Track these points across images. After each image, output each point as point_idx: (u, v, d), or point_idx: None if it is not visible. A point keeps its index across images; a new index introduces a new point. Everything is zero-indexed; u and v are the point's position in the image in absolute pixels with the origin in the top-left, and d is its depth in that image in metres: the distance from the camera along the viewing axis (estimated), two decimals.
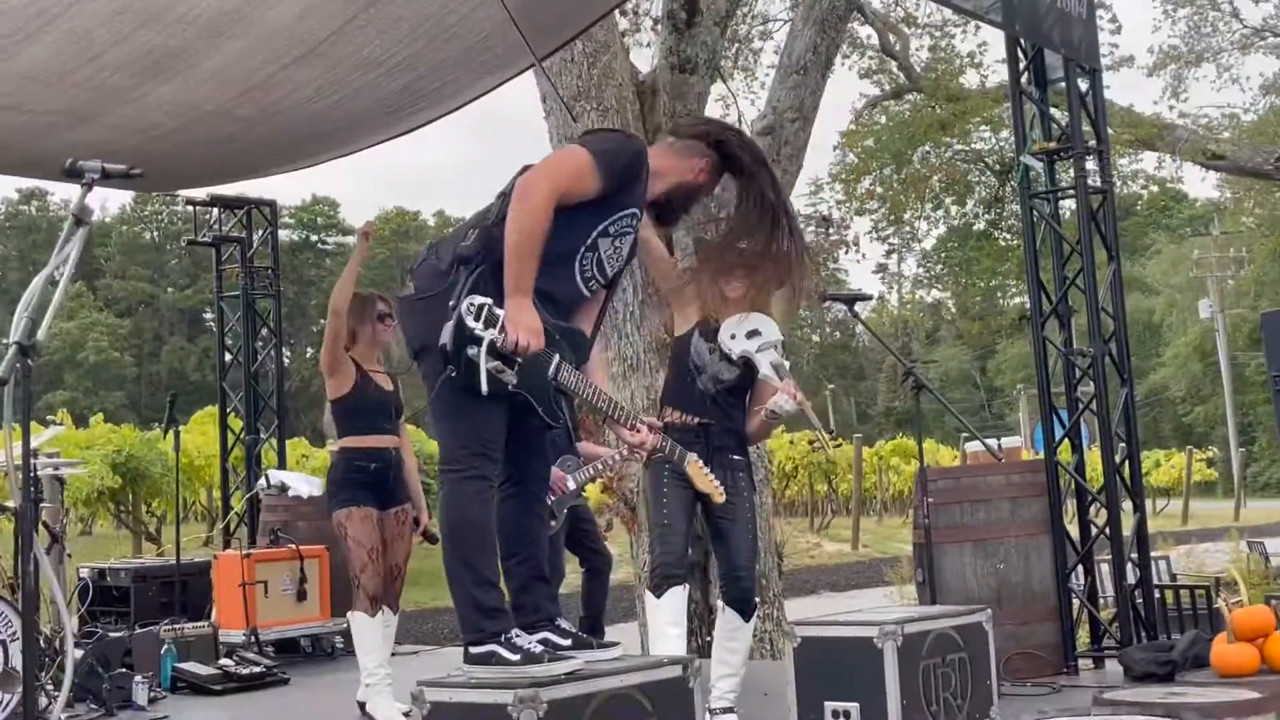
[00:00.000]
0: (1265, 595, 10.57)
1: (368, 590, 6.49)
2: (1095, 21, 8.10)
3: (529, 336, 3.94)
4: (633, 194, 4.22)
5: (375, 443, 6.62)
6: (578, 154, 4.14)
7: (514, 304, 3.96)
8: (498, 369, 3.93)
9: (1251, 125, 21.39)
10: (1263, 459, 49.62)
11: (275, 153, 8.98)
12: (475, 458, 4.06)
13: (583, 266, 4.19)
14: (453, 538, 4.09)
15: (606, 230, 4.19)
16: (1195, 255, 55.09)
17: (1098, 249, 7.52)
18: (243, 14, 6.62)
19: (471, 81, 8.05)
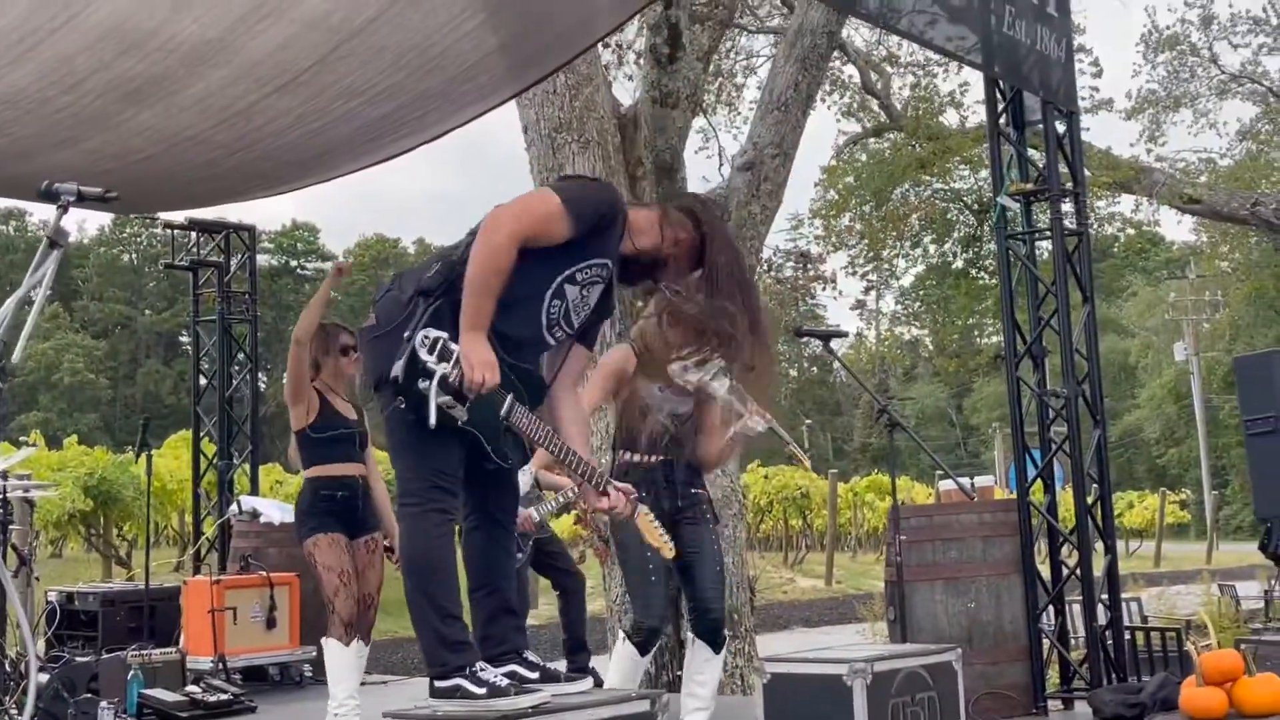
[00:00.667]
0: (1236, 639, 10.59)
1: (342, 615, 6.46)
2: (1074, 65, 8.15)
3: (483, 370, 3.90)
4: (604, 244, 4.18)
5: (341, 471, 6.60)
6: (548, 198, 4.12)
7: (468, 339, 3.93)
8: (448, 404, 3.90)
9: (1228, 170, 21.55)
10: (1235, 502, 49.76)
11: (254, 177, 8.97)
12: (433, 491, 4.04)
13: (549, 313, 4.16)
14: (414, 572, 4.07)
15: (574, 277, 4.16)
16: (1171, 298, 55.39)
17: (1073, 290, 7.55)
18: (225, 43, 6.62)
19: (453, 111, 8.07)
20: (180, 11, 6.28)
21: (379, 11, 6.46)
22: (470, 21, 6.67)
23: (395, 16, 6.53)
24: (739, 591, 9.51)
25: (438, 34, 6.80)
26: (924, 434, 64.62)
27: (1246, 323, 43.37)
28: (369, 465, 6.83)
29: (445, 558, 4.07)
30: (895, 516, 7.12)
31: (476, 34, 6.83)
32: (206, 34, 6.52)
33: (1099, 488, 7.57)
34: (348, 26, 6.59)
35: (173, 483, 19.16)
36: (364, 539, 6.64)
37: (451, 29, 6.73)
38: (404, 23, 6.60)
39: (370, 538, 6.66)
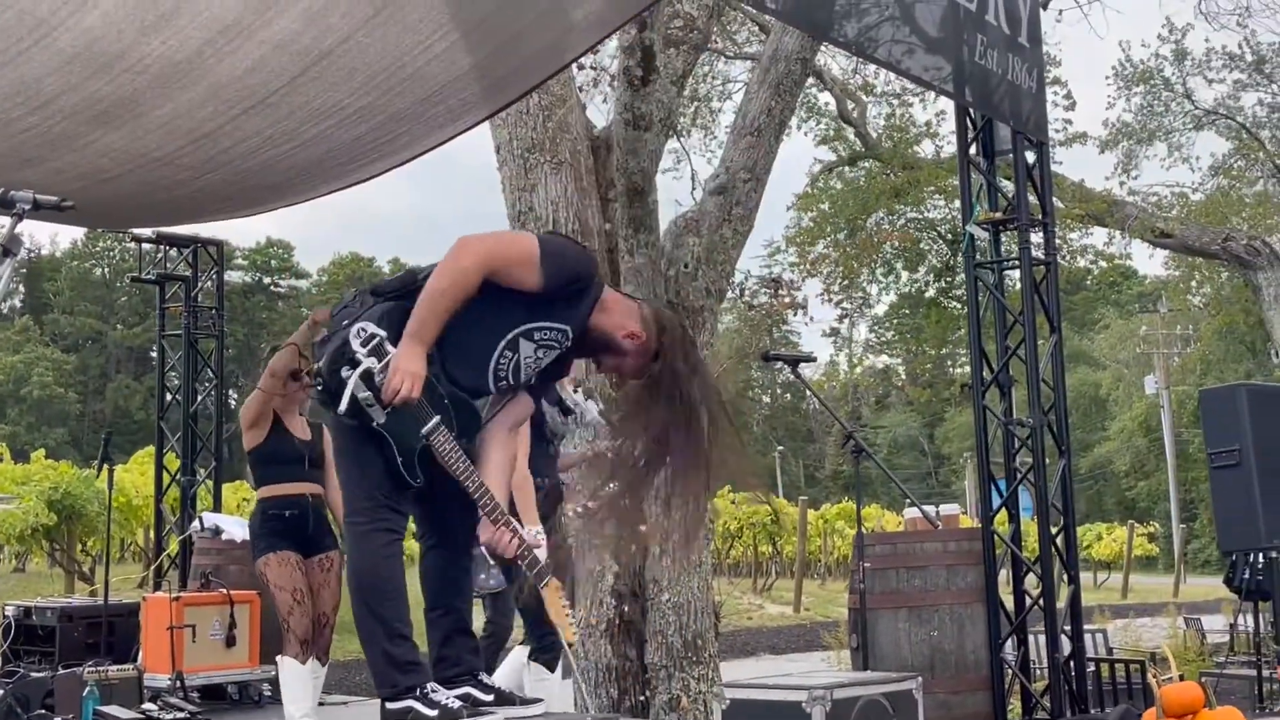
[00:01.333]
0: (1200, 672, 10.61)
1: (297, 633, 6.42)
2: (1045, 96, 8.19)
3: (407, 380, 3.84)
4: (570, 311, 4.09)
5: (290, 490, 6.56)
6: (528, 241, 4.07)
7: (407, 348, 3.88)
8: (366, 400, 3.84)
9: (1200, 205, 21.68)
10: (1203, 535, 49.94)
11: (221, 199, 8.93)
12: (380, 509, 4.01)
13: (498, 362, 4.09)
14: (361, 591, 4.03)
15: (531, 334, 4.08)
16: (1143, 331, 55.69)
17: (1040, 320, 7.57)
18: (194, 65, 6.59)
19: (425, 134, 8.03)
20: (149, 34, 6.25)
21: (348, 34, 6.44)
22: (441, 43, 6.65)
23: (365, 38, 6.50)
24: (703, 617, 9.46)
25: (408, 56, 6.78)
26: (896, 463, 64.77)
27: (1217, 357, 43.63)
28: (327, 485, 6.78)
29: (394, 577, 4.03)
30: (860, 544, 7.11)
31: (448, 55, 6.81)
32: (175, 56, 6.48)
33: (1063, 518, 7.58)
34: (317, 48, 6.56)
35: (138, 498, 19.02)
36: (318, 557, 6.60)
37: (422, 50, 6.71)
38: (374, 45, 6.58)
39: (325, 555, 6.63)
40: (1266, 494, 7.25)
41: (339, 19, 6.23)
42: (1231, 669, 11.27)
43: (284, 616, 6.45)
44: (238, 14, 6.08)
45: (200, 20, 6.11)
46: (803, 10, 6.80)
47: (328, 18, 6.20)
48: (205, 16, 6.08)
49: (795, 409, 73.17)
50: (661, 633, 9.22)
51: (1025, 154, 7.70)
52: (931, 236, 22.80)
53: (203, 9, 6.03)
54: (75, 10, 5.95)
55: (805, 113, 20.57)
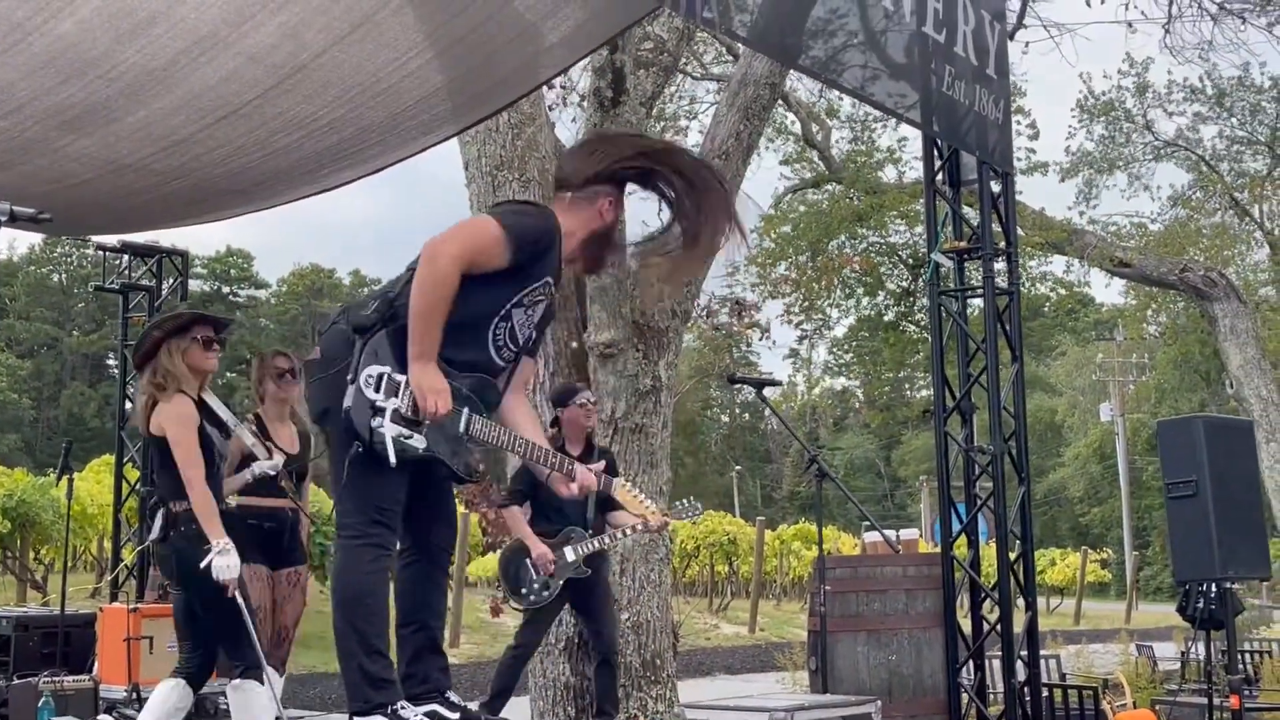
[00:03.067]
0: (1151, 699, 10.70)
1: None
2: (1011, 127, 8.29)
3: (435, 398, 3.92)
4: (545, 264, 4.21)
5: (271, 504, 6.55)
6: (488, 224, 4.13)
7: (417, 368, 3.94)
8: (404, 436, 3.91)
9: (1158, 235, 21.92)
10: (1156, 563, 50.36)
11: (190, 205, 8.91)
12: (372, 525, 4.02)
13: (495, 335, 4.18)
14: (344, 605, 4.04)
15: (520, 301, 4.19)
16: (1099, 359, 56.10)
17: (1002, 349, 7.65)
18: (168, 73, 6.58)
19: (395, 145, 8.05)
20: (124, 42, 6.24)
21: (324, 48, 6.45)
22: (416, 61, 6.68)
23: (340, 54, 6.52)
24: (662, 637, 9.49)
25: (383, 71, 6.80)
26: (852, 484, 64.96)
27: (1172, 386, 44.00)
28: (303, 499, 6.78)
29: (377, 593, 4.05)
30: (820, 567, 7.15)
31: (421, 73, 6.84)
32: (150, 64, 6.48)
33: (1022, 544, 7.65)
34: (292, 62, 6.57)
35: (94, 507, 18.86)
36: (287, 570, 6.59)
37: (397, 67, 6.74)
38: (349, 60, 6.59)
39: (294, 570, 6.62)
40: (1222, 526, 7.33)
41: (315, 35, 6.24)
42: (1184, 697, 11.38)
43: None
44: (214, 26, 6.09)
45: (177, 30, 6.11)
46: (771, 36, 6.85)
47: (304, 34, 6.22)
48: (182, 27, 6.08)
49: (753, 429, 73.35)
50: (620, 652, 9.24)
51: (990, 184, 7.79)
52: (892, 261, 22.94)
53: (179, 20, 6.03)
54: (51, 17, 5.93)
55: (773, 131, 20.68)
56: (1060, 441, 63.14)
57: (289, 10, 6.03)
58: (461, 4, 6.07)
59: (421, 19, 6.23)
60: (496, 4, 6.13)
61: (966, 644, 7.42)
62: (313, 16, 6.10)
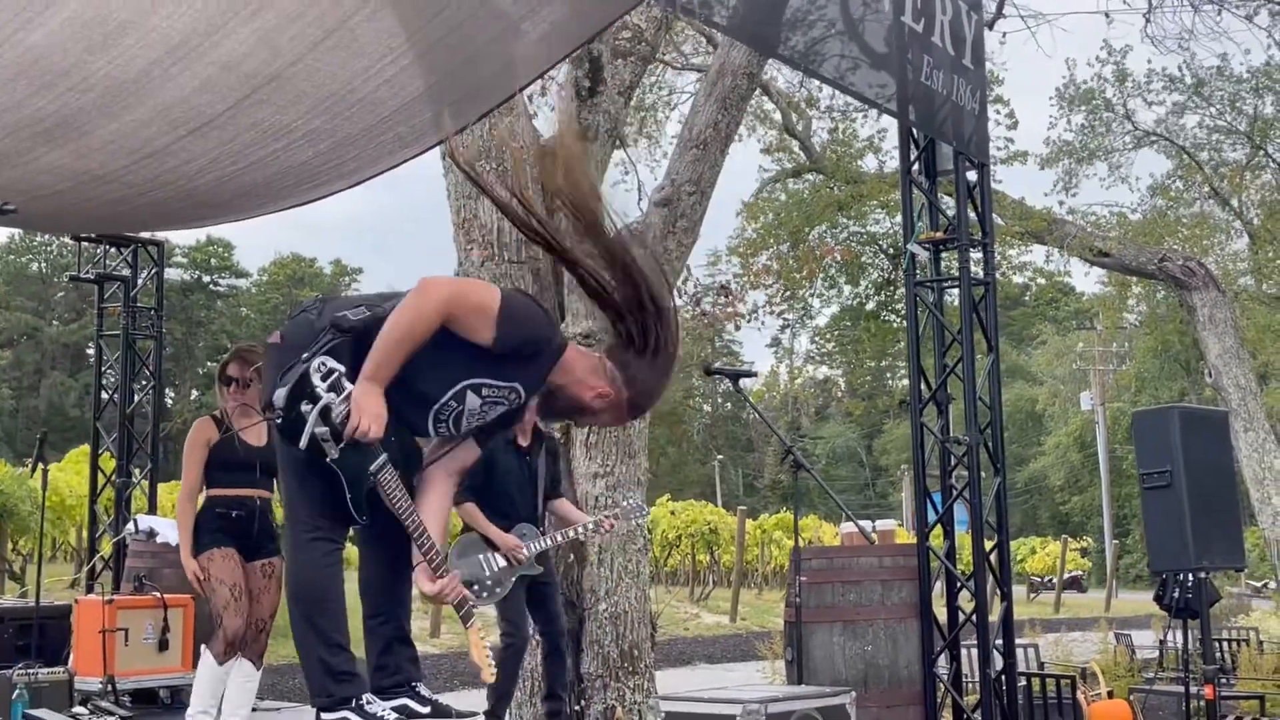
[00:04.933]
0: (1129, 688, 10.74)
1: (227, 632, 6.39)
2: (987, 117, 8.29)
3: (370, 421, 3.80)
4: (524, 371, 4.02)
5: (239, 493, 6.55)
6: (490, 293, 3.96)
7: (365, 388, 3.84)
8: (323, 436, 3.82)
9: (1138, 225, 21.96)
10: (1135, 551, 50.50)
11: (165, 215, 8.88)
12: (321, 518, 3.98)
13: (440, 411, 4.04)
14: (299, 600, 4.01)
15: (480, 389, 4.02)
16: (1079, 348, 56.26)
17: (978, 339, 7.66)
18: (140, 85, 6.53)
19: (375, 158, 7.99)
20: (95, 53, 6.18)
21: (298, 56, 6.40)
22: (392, 68, 6.62)
23: (315, 62, 6.45)
24: (640, 628, 9.49)
25: (358, 80, 6.73)
26: (834, 474, 65.13)
27: (1151, 375, 44.18)
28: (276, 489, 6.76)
29: (333, 586, 4.01)
30: (797, 558, 7.16)
31: (398, 80, 6.78)
32: (121, 75, 6.42)
33: (998, 534, 7.67)
34: (266, 70, 6.51)
35: (71, 498, 18.82)
36: (260, 562, 6.58)
37: (373, 74, 6.68)
38: (323, 68, 6.53)
39: (268, 561, 6.60)
40: (1196, 516, 7.35)
41: (288, 42, 6.18)
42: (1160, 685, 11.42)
43: (218, 611, 6.42)
44: (185, 35, 6.03)
45: (147, 40, 6.05)
46: (750, 25, 6.85)
47: (277, 40, 6.16)
48: (153, 37, 6.02)
49: (735, 418, 73.36)
50: (598, 642, 9.24)
51: (966, 174, 7.79)
52: (873, 251, 22.96)
53: (150, 29, 5.97)
54: (19, 29, 5.87)
55: (754, 119, 20.67)
56: (1041, 430, 63.34)
57: (262, 17, 5.97)
58: (438, 5, 6.01)
59: (398, 22, 6.18)
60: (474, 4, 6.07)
61: (942, 634, 7.43)
62: (286, 23, 6.04)
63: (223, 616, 6.44)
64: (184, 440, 6.84)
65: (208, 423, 6.66)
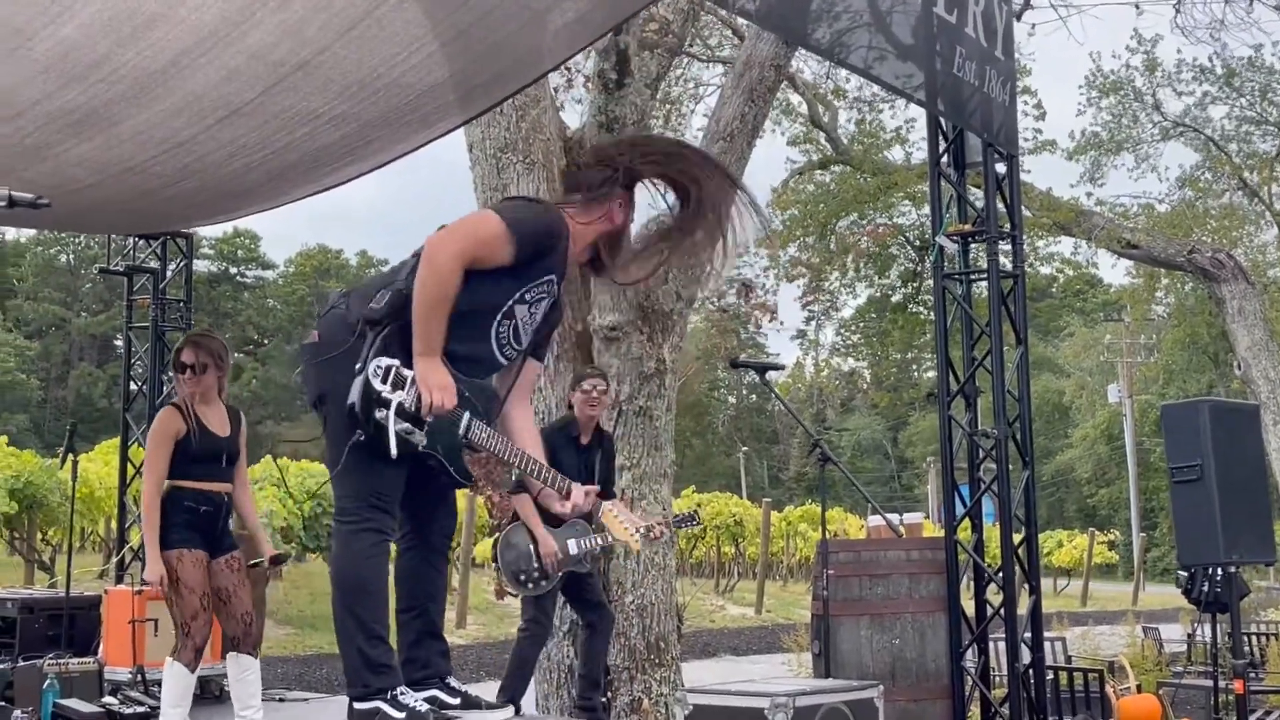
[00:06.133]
0: (1157, 682, 10.70)
1: (196, 640, 6.31)
2: (1016, 109, 8.25)
3: (440, 394, 3.91)
4: (549, 261, 4.17)
5: (205, 487, 6.46)
6: (491, 220, 4.09)
7: (424, 364, 3.93)
8: (406, 430, 3.90)
9: (1165, 216, 21.82)
10: (1163, 544, 50.30)
11: (193, 207, 8.91)
12: (371, 510, 4.02)
13: (499, 333, 4.15)
14: (343, 590, 4.04)
15: (523, 297, 4.15)
16: (1107, 340, 55.99)
17: (1007, 332, 7.63)
18: (168, 75, 6.55)
19: (399, 139, 8.01)
20: (125, 45, 6.21)
21: (326, 45, 6.41)
22: (419, 54, 6.63)
23: (342, 50, 6.47)
24: (666, 620, 9.49)
25: (384, 66, 6.75)
26: (860, 466, 65.00)
27: (1180, 367, 43.93)
28: (237, 481, 6.69)
29: (376, 578, 4.04)
30: (824, 550, 7.15)
31: (425, 65, 6.79)
32: (150, 66, 6.45)
33: (1026, 527, 7.65)
34: (293, 59, 6.53)
35: (101, 489, 18.89)
36: (225, 558, 6.50)
37: (400, 60, 6.69)
38: (350, 55, 6.55)
39: (231, 556, 6.53)
40: (1226, 509, 7.30)
41: (315, 31, 6.20)
42: (1189, 679, 11.38)
43: (186, 620, 6.30)
44: (214, 25, 6.05)
45: (177, 31, 6.08)
46: (778, 15, 6.83)
47: (305, 30, 6.18)
48: (182, 28, 6.05)
49: (761, 410, 73.32)
50: (624, 634, 9.24)
51: (995, 165, 7.76)
52: (900, 242, 22.89)
53: (179, 20, 5.99)
54: (52, 21, 5.90)
55: (779, 114, 20.62)
56: (1068, 423, 63.07)
57: (290, 8, 5.99)
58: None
59: (424, 12, 6.19)
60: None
61: (970, 628, 7.41)
62: (313, 13, 6.06)
63: (190, 626, 6.30)
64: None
65: (173, 414, 6.46)
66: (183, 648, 6.32)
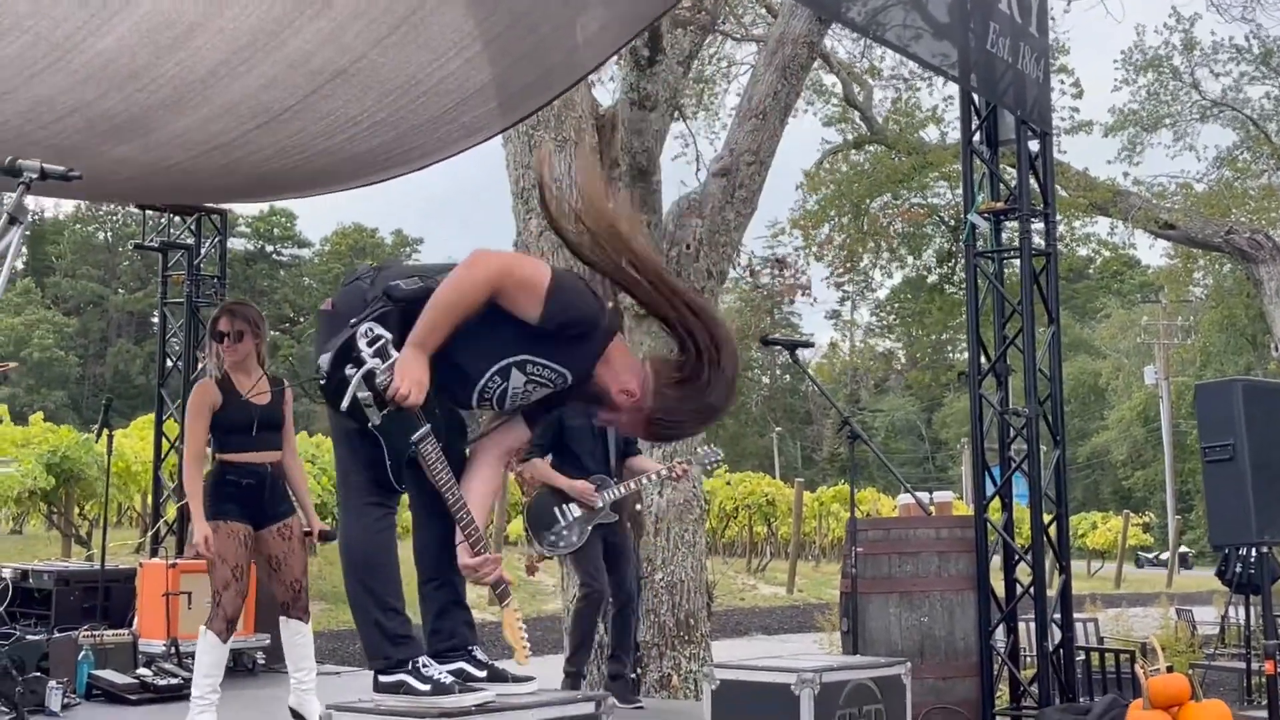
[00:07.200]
0: (1189, 664, 10.66)
1: (226, 610, 6.34)
2: (1049, 86, 8.20)
3: (411, 388, 3.78)
4: (570, 354, 3.98)
5: (246, 459, 6.48)
6: (542, 270, 3.92)
7: (410, 354, 3.83)
8: (365, 400, 3.81)
9: (1203, 196, 21.64)
10: (1199, 527, 50.01)
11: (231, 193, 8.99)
12: (373, 485, 3.99)
13: (485, 385, 4.01)
14: (353, 564, 4.01)
15: (525, 366, 3.98)
16: (1144, 321, 55.65)
17: (1039, 311, 7.59)
18: (207, 84, 6.59)
19: (440, 146, 8.04)
20: (164, 56, 6.25)
21: (363, 52, 6.44)
22: (457, 60, 6.64)
23: (379, 57, 6.50)
24: (696, 597, 9.52)
25: (423, 72, 6.77)
26: (893, 447, 64.82)
27: (1217, 349, 43.57)
28: (285, 449, 6.69)
29: (386, 550, 4.02)
30: (853, 529, 7.15)
31: (463, 71, 6.81)
32: (189, 76, 6.49)
33: (1057, 507, 7.62)
34: (332, 67, 6.57)
35: (137, 464, 19.03)
36: (276, 525, 6.51)
37: (438, 66, 6.71)
38: (388, 63, 6.57)
39: (283, 524, 6.54)
40: (1259, 490, 7.24)
41: (353, 38, 6.24)
42: (1221, 661, 11.34)
43: (218, 589, 6.34)
44: (252, 35, 6.09)
45: (216, 41, 6.12)
46: None
47: (343, 37, 6.21)
48: (220, 38, 6.09)
49: (794, 390, 73.13)
50: (654, 611, 9.28)
51: (1029, 143, 7.71)
52: (934, 222, 22.78)
53: (218, 30, 6.03)
54: (91, 34, 5.96)
55: (813, 94, 20.53)
56: (1104, 404, 62.73)
57: (327, 15, 6.01)
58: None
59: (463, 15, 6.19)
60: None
61: (1000, 607, 7.40)
62: (351, 20, 6.08)
63: (222, 595, 6.33)
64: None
65: (210, 385, 6.48)
66: (214, 617, 6.36)
